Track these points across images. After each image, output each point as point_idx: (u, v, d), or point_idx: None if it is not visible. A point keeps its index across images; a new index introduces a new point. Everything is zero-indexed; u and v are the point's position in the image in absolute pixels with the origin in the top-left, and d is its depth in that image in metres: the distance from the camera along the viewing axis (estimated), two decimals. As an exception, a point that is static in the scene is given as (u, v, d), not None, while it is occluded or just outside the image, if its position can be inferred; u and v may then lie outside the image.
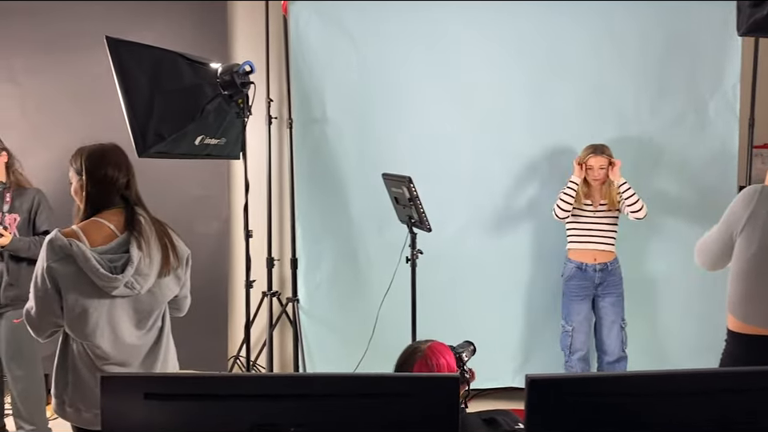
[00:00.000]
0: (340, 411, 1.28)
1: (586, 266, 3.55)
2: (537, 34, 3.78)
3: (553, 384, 1.27)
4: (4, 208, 3.34)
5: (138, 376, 1.29)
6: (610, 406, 1.28)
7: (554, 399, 1.26)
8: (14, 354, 3.39)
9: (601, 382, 1.34)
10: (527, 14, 3.76)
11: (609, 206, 3.55)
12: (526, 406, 1.25)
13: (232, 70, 2.83)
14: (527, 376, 1.25)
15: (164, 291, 2.15)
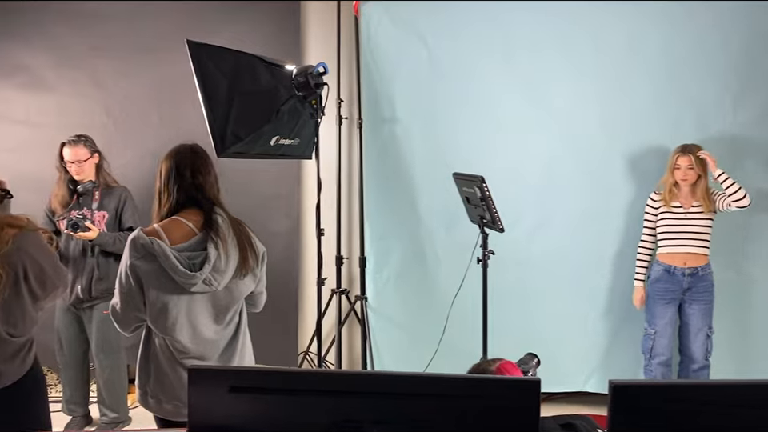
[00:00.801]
0: (419, 411, 1.29)
1: (674, 270, 3.43)
2: (613, 32, 3.68)
3: (638, 390, 1.24)
4: (93, 205, 3.52)
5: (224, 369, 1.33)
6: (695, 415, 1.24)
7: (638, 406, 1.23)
8: (102, 345, 3.57)
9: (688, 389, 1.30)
10: (602, 12, 3.66)
11: (703, 207, 3.42)
12: (609, 412, 1.22)
13: (306, 72, 2.89)
14: (611, 381, 1.22)
15: (240, 288, 2.20)
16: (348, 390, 1.30)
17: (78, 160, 3.43)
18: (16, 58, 4.04)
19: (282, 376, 1.34)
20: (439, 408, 1.29)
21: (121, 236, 3.47)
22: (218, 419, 1.32)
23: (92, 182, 3.51)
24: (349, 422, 1.29)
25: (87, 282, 3.48)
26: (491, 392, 1.28)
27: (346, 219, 4.26)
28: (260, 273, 2.28)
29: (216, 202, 2.19)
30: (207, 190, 2.18)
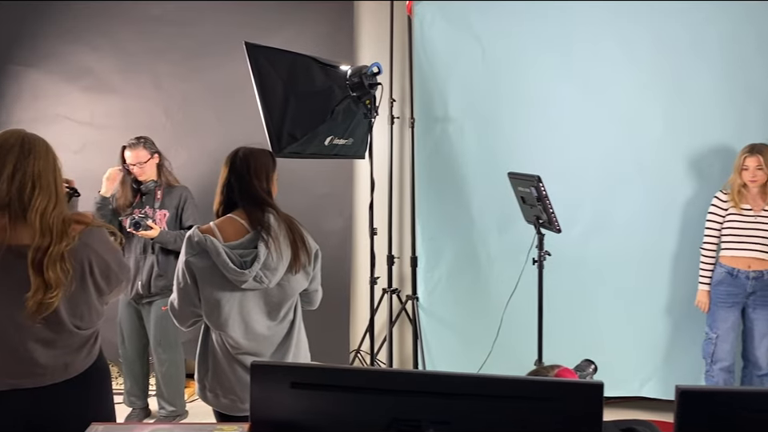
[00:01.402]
0: (480, 412, 1.28)
1: (737, 272, 3.32)
2: (674, 27, 3.58)
3: (707, 397, 1.20)
4: (155, 204, 3.62)
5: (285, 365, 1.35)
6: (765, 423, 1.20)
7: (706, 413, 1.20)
8: (161, 339, 3.67)
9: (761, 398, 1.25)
10: (663, 8, 3.57)
11: None
12: (676, 419, 1.19)
13: (360, 72, 2.91)
14: (678, 387, 1.19)
15: (293, 285, 2.24)
16: (408, 389, 1.31)
17: (138, 162, 3.54)
18: (82, 61, 4.19)
19: (342, 373, 1.35)
20: (499, 410, 1.28)
21: (181, 234, 3.56)
22: (279, 414, 1.34)
23: (154, 182, 3.62)
24: (407, 420, 1.30)
25: (147, 279, 3.59)
26: (553, 395, 1.26)
27: (398, 218, 4.27)
28: (313, 270, 2.31)
29: (268, 202, 2.23)
30: (260, 189, 2.23)
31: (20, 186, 1.72)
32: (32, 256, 1.69)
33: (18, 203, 1.72)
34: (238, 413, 2.25)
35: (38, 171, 1.74)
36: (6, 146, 1.74)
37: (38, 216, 1.71)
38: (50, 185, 1.76)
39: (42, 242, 1.70)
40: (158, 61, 4.18)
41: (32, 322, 1.74)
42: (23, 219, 1.72)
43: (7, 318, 1.74)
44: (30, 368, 1.77)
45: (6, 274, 1.70)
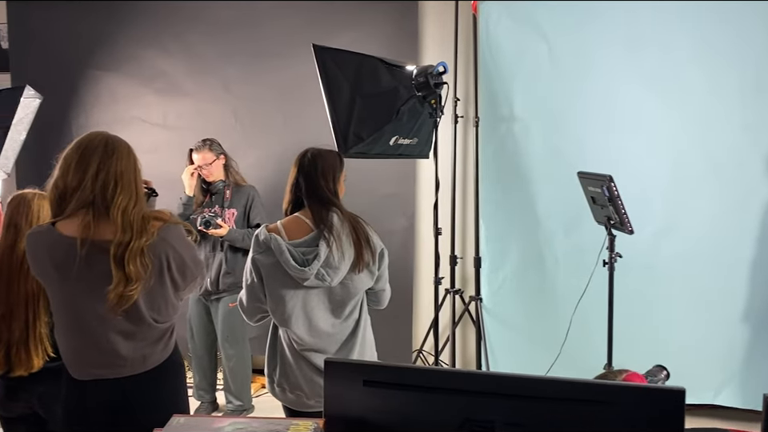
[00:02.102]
0: (554, 415, 1.26)
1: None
2: (752, 28, 3.42)
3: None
4: (224, 204, 3.73)
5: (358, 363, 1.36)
6: None
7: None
8: (228, 335, 3.77)
9: None
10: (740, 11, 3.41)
11: None
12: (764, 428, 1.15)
13: (426, 72, 2.91)
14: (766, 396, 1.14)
15: (357, 283, 2.26)
16: (481, 389, 1.30)
17: (205, 163, 3.65)
18: (155, 65, 4.35)
19: (414, 373, 1.36)
20: (575, 414, 1.25)
21: (249, 233, 3.65)
22: (352, 411, 1.35)
23: (222, 182, 3.72)
24: (480, 421, 1.29)
25: (215, 276, 3.69)
26: (630, 400, 1.23)
27: (461, 219, 4.25)
28: (378, 270, 2.32)
29: (333, 201, 2.26)
30: (326, 189, 2.27)
31: (103, 185, 1.79)
32: (114, 251, 1.76)
33: (101, 201, 1.79)
34: (304, 408, 2.29)
35: (120, 171, 1.82)
36: (91, 146, 1.82)
37: (119, 213, 1.78)
38: (131, 184, 1.84)
39: (124, 238, 1.77)
40: (226, 63, 4.29)
41: (113, 314, 1.81)
42: (106, 216, 1.79)
43: (91, 310, 1.82)
44: (111, 359, 1.85)
45: (89, 269, 1.77)
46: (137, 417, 1.87)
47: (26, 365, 2.14)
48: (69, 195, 1.79)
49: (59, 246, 1.76)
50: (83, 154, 1.80)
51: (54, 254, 1.77)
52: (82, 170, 1.78)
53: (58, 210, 1.82)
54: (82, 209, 1.78)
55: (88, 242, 1.75)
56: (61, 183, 1.80)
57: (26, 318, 2.13)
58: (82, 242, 1.74)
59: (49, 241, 1.78)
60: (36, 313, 2.14)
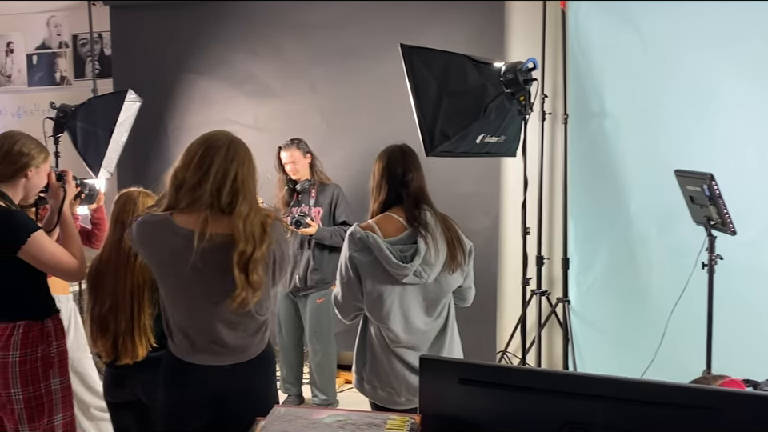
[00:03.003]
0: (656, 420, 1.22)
1: None
2: None
3: None
4: (310, 202, 3.81)
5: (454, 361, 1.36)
6: None
7: None
8: (315, 330, 3.85)
9: None
10: None
11: None
12: None
13: (515, 68, 2.86)
14: None
15: (449, 281, 2.26)
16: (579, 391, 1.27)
17: (293, 161, 3.74)
18: (246, 68, 4.50)
19: (511, 372, 1.34)
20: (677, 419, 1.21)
21: (336, 230, 3.72)
22: (448, 408, 1.35)
23: (308, 181, 3.80)
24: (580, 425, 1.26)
25: (303, 272, 3.77)
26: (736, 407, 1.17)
27: (548, 218, 4.15)
28: (467, 268, 2.32)
29: (424, 199, 2.27)
30: (416, 187, 2.27)
31: (221, 187, 1.84)
32: (237, 258, 1.81)
33: (221, 204, 1.84)
34: (394, 405, 2.29)
35: (242, 178, 1.86)
36: (215, 146, 1.87)
37: (242, 222, 1.83)
38: (251, 191, 1.89)
39: (247, 247, 1.82)
40: (314, 65, 4.38)
41: (232, 314, 1.88)
42: (221, 213, 1.85)
43: (201, 301, 1.89)
44: (216, 346, 1.92)
45: (203, 261, 1.83)
46: (234, 403, 1.93)
47: (132, 354, 2.25)
48: (187, 189, 1.85)
49: (176, 237, 1.83)
50: (206, 151, 1.85)
51: (171, 244, 1.84)
52: (203, 170, 1.83)
53: (173, 199, 1.88)
54: (199, 205, 1.84)
55: (205, 235, 1.81)
56: (180, 175, 1.86)
57: (132, 310, 2.24)
58: (199, 236, 1.80)
59: (166, 231, 1.84)
60: (141, 305, 2.25)
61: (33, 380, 2.20)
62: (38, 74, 5.17)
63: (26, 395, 2.19)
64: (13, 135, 2.25)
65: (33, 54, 5.18)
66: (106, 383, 2.39)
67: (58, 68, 5.12)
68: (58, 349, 2.27)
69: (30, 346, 2.20)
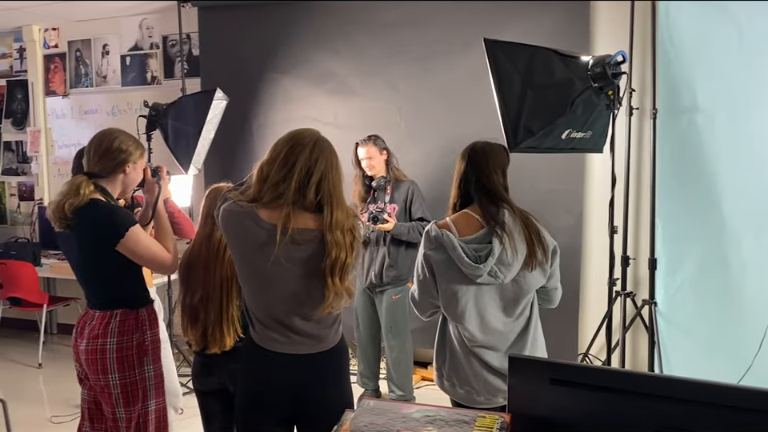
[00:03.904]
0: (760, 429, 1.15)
1: None
2: None
3: None
4: (386, 198, 3.83)
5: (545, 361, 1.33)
6: None
7: None
8: (391, 326, 3.87)
9: None
10: None
11: None
12: None
13: (604, 62, 2.78)
14: None
15: (529, 281, 2.20)
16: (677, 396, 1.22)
17: (369, 157, 3.76)
18: (327, 66, 4.56)
19: (606, 374, 1.30)
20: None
21: (414, 225, 3.72)
22: (538, 409, 1.32)
23: (384, 178, 3.82)
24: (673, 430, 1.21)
25: (379, 269, 3.79)
26: None
27: (634, 217, 4.01)
28: (550, 267, 2.25)
29: (504, 197, 2.22)
30: (495, 185, 2.23)
31: (313, 190, 1.87)
32: (330, 265, 1.86)
33: (304, 202, 1.87)
34: (473, 404, 2.27)
35: (328, 178, 1.88)
36: (301, 143, 1.90)
37: (339, 231, 1.87)
38: (339, 192, 1.91)
39: (340, 254, 1.86)
40: (392, 63, 4.39)
41: (309, 308, 1.92)
42: (303, 209, 1.89)
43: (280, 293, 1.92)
44: (293, 336, 1.95)
45: (285, 255, 1.87)
46: (311, 392, 1.97)
47: (220, 344, 2.33)
48: (271, 184, 1.89)
49: (260, 230, 1.87)
50: (291, 149, 1.88)
51: (254, 236, 1.88)
52: (288, 167, 1.87)
53: (258, 192, 1.92)
54: (282, 201, 1.87)
55: (287, 230, 1.85)
56: (266, 169, 1.90)
57: (221, 301, 2.32)
58: (282, 231, 1.84)
59: (250, 223, 1.89)
60: (229, 296, 2.32)
61: (128, 366, 2.31)
62: (130, 75, 5.43)
63: (122, 381, 2.30)
64: (112, 132, 2.36)
65: (126, 56, 5.44)
66: (195, 371, 2.49)
67: (149, 68, 5.36)
68: (151, 337, 2.38)
69: (126, 334, 2.31)
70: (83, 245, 2.28)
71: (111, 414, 2.35)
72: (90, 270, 2.34)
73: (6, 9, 5.05)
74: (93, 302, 2.37)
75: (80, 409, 2.55)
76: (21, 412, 3.47)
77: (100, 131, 2.37)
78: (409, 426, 1.23)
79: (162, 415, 2.44)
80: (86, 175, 2.29)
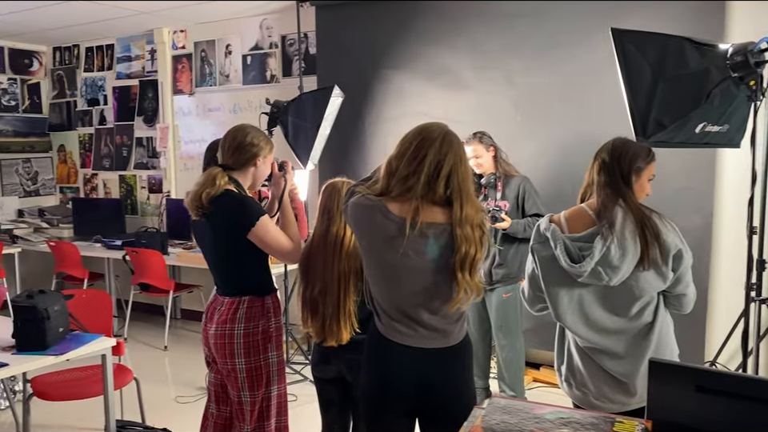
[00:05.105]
0: None
1: None
2: None
3: None
4: (497, 195, 3.75)
5: (691, 368, 1.25)
6: None
7: None
8: (501, 325, 3.80)
9: None
10: None
11: None
12: None
13: (746, 50, 2.58)
14: None
15: (641, 283, 2.08)
16: None
17: (476, 156, 3.69)
18: (441, 61, 4.54)
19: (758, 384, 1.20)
20: None
21: (529, 222, 3.63)
22: (681, 416, 1.25)
23: (493, 174, 3.74)
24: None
25: (489, 267, 3.72)
26: None
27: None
28: (673, 271, 2.11)
29: (621, 193, 2.10)
30: (619, 179, 2.12)
31: (443, 184, 1.87)
32: (460, 260, 1.86)
33: (434, 196, 1.87)
34: (589, 406, 2.19)
35: (457, 172, 1.88)
36: (430, 137, 1.91)
37: (469, 227, 1.86)
38: (468, 187, 1.90)
39: (470, 249, 1.86)
40: (510, 56, 4.29)
41: (437, 302, 1.92)
42: (431, 203, 1.89)
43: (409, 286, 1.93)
44: (419, 330, 1.95)
45: (414, 248, 1.87)
46: (435, 386, 1.96)
47: (337, 337, 2.37)
48: (399, 178, 1.90)
49: (390, 223, 1.89)
50: (420, 143, 1.89)
51: (383, 229, 1.90)
52: (417, 162, 1.87)
53: (386, 186, 1.93)
54: (410, 194, 1.88)
55: (416, 223, 1.85)
56: (395, 163, 1.91)
57: (338, 295, 2.36)
58: (411, 224, 1.85)
59: (380, 216, 1.91)
60: (346, 291, 2.36)
61: (254, 352, 2.41)
62: (251, 73, 5.67)
63: (247, 365, 2.41)
64: (245, 128, 2.47)
65: (247, 55, 5.68)
66: (314, 360, 2.55)
67: (268, 67, 5.57)
68: (275, 324, 2.47)
69: (252, 320, 2.41)
70: (217, 232, 2.41)
71: (237, 397, 2.46)
72: (221, 257, 2.46)
73: (140, 13, 5.42)
74: (222, 288, 2.49)
75: (206, 390, 2.69)
76: (149, 391, 3.71)
77: (234, 126, 2.49)
78: (543, 426, 1.19)
79: (284, 401, 2.53)
80: (220, 167, 2.41)
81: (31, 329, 2.67)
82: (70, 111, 6.86)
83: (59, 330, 2.78)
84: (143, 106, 6.34)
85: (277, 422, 2.49)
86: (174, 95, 6.16)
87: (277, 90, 5.38)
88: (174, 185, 6.21)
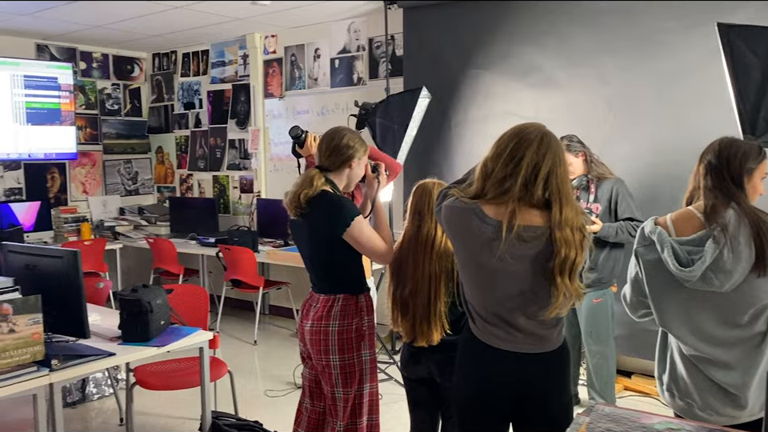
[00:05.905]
0: None
1: None
2: None
3: None
4: (590, 198, 3.65)
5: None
6: None
7: None
8: (591, 331, 3.70)
9: None
10: None
11: None
12: None
13: None
14: None
15: (756, 290, 1.96)
16: None
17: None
18: (531, 60, 4.46)
19: None
20: None
21: (621, 226, 3.52)
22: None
23: (585, 176, 3.65)
24: None
25: (579, 271, 3.63)
26: None
27: None
28: None
29: (732, 195, 1.99)
30: (728, 180, 2.01)
31: (541, 186, 1.84)
32: (558, 269, 1.83)
33: (532, 198, 1.85)
34: (694, 418, 2.09)
35: (556, 173, 1.84)
36: (528, 138, 1.87)
37: (569, 230, 1.83)
38: (568, 188, 1.87)
39: (570, 253, 1.83)
40: (603, 54, 4.16)
41: (534, 306, 1.90)
42: (528, 205, 1.86)
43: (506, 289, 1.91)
44: (515, 334, 1.94)
45: (512, 252, 1.84)
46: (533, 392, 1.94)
47: (427, 337, 2.38)
48: (495, 180, 1.88)
49: (485, 226, 1.87)
50: (517, 144, 1.86)
51: (479, 232, 1.88)
52: (515, 163, 1.85)
53: (481, 188, 1.92)
54: (507, 197, 1.86)
55: (513, 227, 1.83)
56: (490, 165, 1.89)
57: (429, 296, 2.37)
58: (508, 227, 1.83)
59: (475, 219, 1.89)
60: (437, 292, 2.36)
61: (348, 349, 2.46)
62: (339, 76, 5.77)
63: (341, 362, 2.46)
64: (341, 130, 2.52)
65: (335, 59, 5.79)
66: (404, 359, 2.57)
67: (355, 70, 5.66)
68: (368, 323, 2.51)
69: (347, 318, 2.46)
70: (314, 231, 2.47)
71: (330, 393, 2.51)
72: (317, 255, 2.53)
73: (234, 19, 5.63)
74: (318, 285, 2.55)
75: (296, 386, 2.76)
76: (240, 384, 3.85)
77: (331, 129, 2.55)
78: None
79: (375, 398, 2.56)
80: (317, 168, 2.48)
81: (136, 321, 2.82)
82: (167, 114, 7.22)
83: (161, 322, 2.93)
84: (236, 109, 6.58)
85: (368, 420, 2.53)
86: (264, 98, 6.36)
87: (363, 92, 5.46)
88: (264, 185, 6.41)
